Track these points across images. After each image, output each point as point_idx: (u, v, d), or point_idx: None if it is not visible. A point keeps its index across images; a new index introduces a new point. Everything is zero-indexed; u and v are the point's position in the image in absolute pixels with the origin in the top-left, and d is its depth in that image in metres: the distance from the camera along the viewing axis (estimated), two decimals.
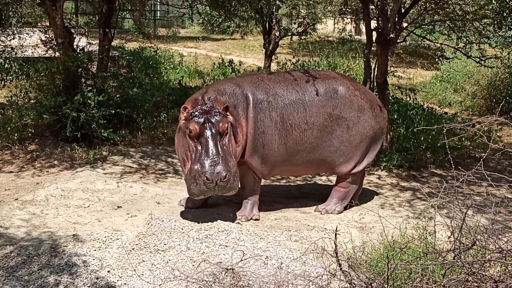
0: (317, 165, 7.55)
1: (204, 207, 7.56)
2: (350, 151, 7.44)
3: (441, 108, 14.35)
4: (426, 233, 5.89)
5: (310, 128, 7.23)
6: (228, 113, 6.82)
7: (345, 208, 7.77)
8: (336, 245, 4.60)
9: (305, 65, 17.63)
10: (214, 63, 17.94)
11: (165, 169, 9.22)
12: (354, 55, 19.15)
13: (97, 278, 5.44)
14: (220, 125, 6.62)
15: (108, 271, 5.59)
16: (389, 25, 9.37)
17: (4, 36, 15.56)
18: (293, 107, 7.19)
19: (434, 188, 8.56)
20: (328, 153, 7.38)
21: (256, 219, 7.23)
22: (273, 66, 17.96)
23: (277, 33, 17.52)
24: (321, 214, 7.63)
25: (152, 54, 17.62)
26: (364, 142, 7.51)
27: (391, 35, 9.44)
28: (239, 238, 6.35)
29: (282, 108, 7.15)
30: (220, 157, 6.54)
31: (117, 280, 5.43)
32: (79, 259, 5.77)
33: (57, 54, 10.29)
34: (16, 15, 14.79)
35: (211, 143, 6.58)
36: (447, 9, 11.06)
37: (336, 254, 4.52)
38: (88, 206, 7.52)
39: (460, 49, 11.84)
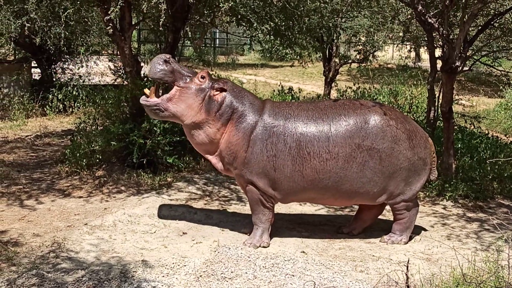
0: (347, 196, 7.35)
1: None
2: (383, 181, 7.27)
3: (507, 137, 14.00)
4: (498, 266, 5.74)
5: (334, 158, 7.10)
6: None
7: (410, 239, 7.66)
8: (407, 277, 4.55)
9: (366, 92, 17.46)
10: (274, 90, 18.07)
11: (229, 196, 9.31)
12: (415, 82, 18.94)
13: None
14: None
15: None
16: (455, 53, 9.26)
17: (73, 64, 16.24)
18: (314, 135, 7.11)
19: (502, 219, 8.35)
20: (361, 184, 7.22)
21: (264, 247, 7.17)
22: (333, 93, 17.94)
23: (337, 60, 17.55)
24: (386, 244, 7.54)
25: None
26: (398, 173, 7.29)
27: (457, 63, 9.33)
28: (305, 267, 6.34)
29: (300, 135, 7.11)
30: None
31: None
32: (148, 285, 5.87)
33: (125, 82, 10.60)
34: (84, 44, 15.40)
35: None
36: None
37: (408, 287, 4.46)
38: (154, 232, 7.66)
39: None
